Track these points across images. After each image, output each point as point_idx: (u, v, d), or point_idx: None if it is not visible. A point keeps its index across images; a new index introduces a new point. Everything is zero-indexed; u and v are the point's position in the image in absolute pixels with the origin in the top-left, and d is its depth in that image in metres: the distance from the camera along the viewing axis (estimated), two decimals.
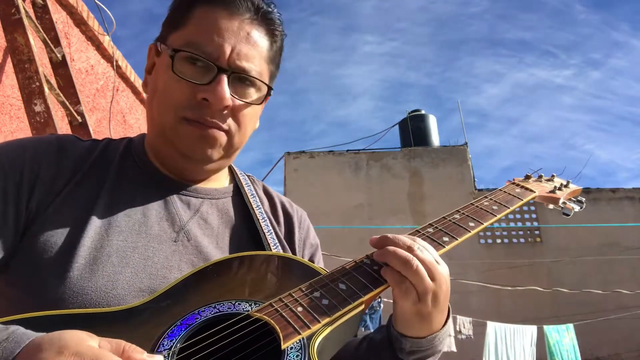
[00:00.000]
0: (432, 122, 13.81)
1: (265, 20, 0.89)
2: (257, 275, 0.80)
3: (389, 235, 0.81)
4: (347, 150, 12.53)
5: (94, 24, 3.31)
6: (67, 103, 2.74)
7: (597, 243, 10.90)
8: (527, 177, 1.16)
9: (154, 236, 0.83)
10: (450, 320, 0.85)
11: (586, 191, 11.88)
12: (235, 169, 1.05)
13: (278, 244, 0.94)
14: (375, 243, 0.82)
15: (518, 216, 11.72)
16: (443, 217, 0.92)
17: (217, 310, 0.73)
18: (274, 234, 0.95)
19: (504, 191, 1.05)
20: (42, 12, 2.80)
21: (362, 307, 0.76)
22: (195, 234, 0.87)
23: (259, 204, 0.99)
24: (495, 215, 0.94)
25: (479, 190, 11.95)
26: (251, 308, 0.74)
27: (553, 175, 1.20)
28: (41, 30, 2.69)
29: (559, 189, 1.14)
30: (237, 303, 0.74)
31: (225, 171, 1.02)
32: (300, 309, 0.72)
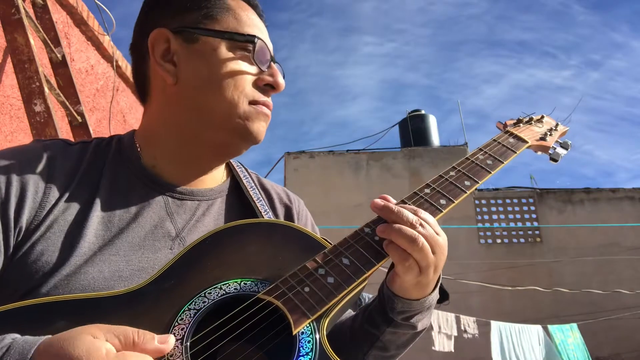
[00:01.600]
0: (432, 122, 13.79)
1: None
2: (259, 248, 0.78)
3: (393, 207, 0.80)
4: (347, 150, 12.51)
5: (94, 24, 3.31)
6: (67, 103, 2.73)
7: (597, 243, 10.88)
8: (519, 121, 1.15)
9: (148, 247, 0.80)
10: (440, 284, 0.87)
11: (586, 191, 11.87)
12: (232, 161, 1.01)
13: None
14: (379, 211, 0.82)
15: (518, 216, 11.71)
16: (440, 176, 0.92)
17: (224, 292, 0.71)
18: None
19: (498, 142, 1.04)
20: (42, 12, 2.80)
21: (365, 282, 0.77)
22: (191, 240, 0.83)
23: (260, 196, 0.97)
24: (490, 172, 0.95)
25: (479, 190, 11.95)
26: (257, 288, 0.72)
27: (542, 116, 1.20)
28: (41, 30, 2.68)
29: (550, 134, 1.14)
30: (242, 282, 0.73)
31: (222, 166, 0.99)
32: (307, 289, 0.72)
